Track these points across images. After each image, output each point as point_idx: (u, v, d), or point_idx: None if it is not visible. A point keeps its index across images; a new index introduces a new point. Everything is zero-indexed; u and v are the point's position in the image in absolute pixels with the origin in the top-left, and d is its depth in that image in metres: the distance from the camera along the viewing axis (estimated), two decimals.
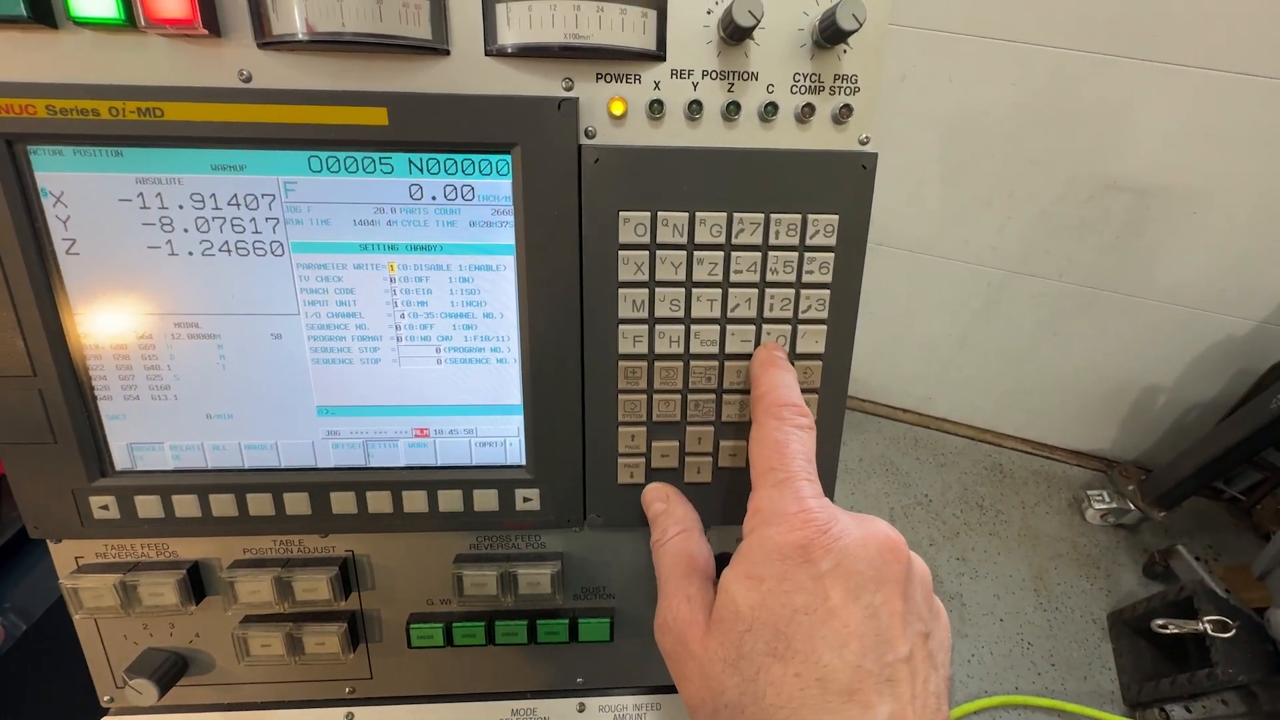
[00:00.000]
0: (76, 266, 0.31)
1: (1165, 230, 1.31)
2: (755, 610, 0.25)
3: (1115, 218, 1.32)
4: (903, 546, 0.26)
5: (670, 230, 0.31)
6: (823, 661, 0.23)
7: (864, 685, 0.23)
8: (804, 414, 0.29)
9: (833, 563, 0.25)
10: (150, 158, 0.30)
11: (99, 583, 0.34)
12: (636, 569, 0.39)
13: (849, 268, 0.32)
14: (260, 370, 0.33)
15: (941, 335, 1.63)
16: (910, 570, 0.26)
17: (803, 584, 0.24)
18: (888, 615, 0.24)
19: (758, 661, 0.24)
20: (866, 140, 0.31)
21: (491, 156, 0.30)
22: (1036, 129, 1.26)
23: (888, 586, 0.25)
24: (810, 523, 0.25)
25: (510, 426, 0.35)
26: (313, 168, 0.30)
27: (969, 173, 1.35)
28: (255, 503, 0.34)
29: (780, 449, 0.28)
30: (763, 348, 0.33)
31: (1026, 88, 1.22)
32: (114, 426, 0.33)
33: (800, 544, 0.25)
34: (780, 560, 0.25)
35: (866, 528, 0.26)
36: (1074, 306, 1.47)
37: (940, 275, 1.52)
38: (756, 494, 0.28)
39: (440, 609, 0.39)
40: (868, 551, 0.25)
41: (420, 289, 0.32)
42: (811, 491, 0.27)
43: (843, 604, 0.24)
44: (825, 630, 0.24)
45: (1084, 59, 1.17)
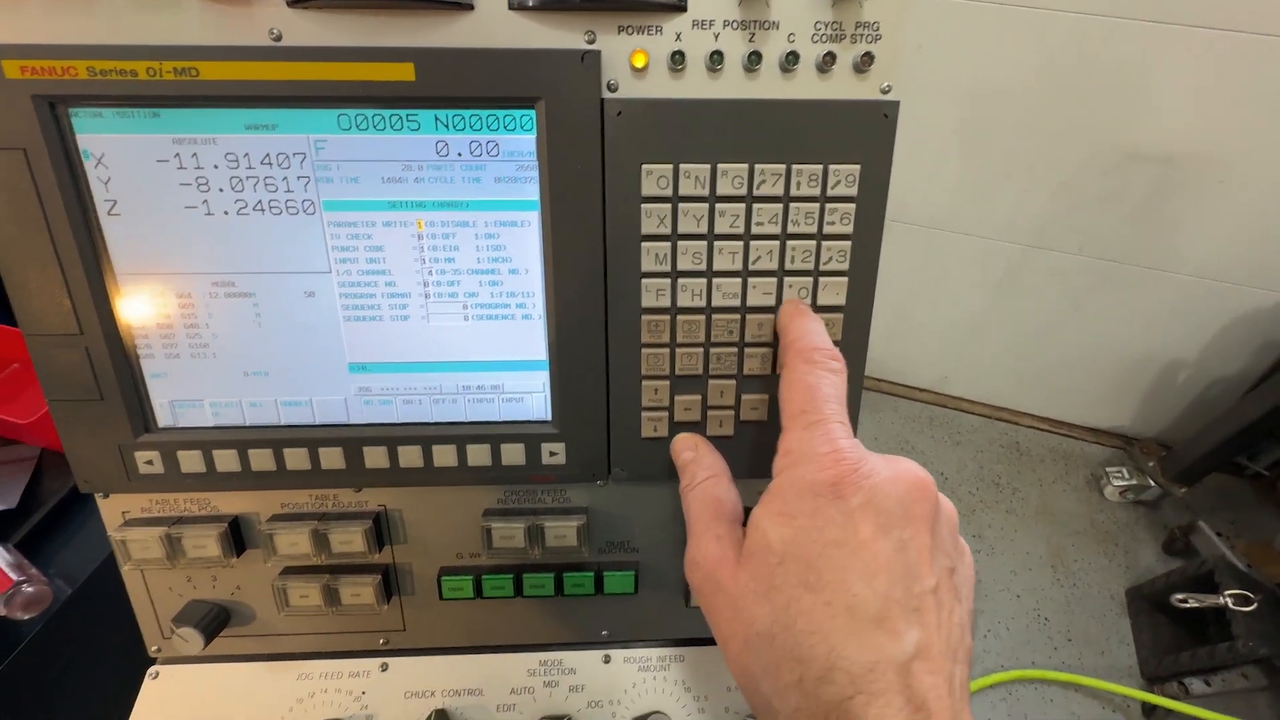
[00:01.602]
0: (118, 227, 0.32)
1: (1189, 200, 1.28)
2: (787, 544, 0.25)
3: (1137, 188, 1.29)
4: (931, 485, 0.26)
5: (692, 182, 0.31)
6: (853, 591, 0.24)
7: (892, 613, 0.24)
8: (835, 357, 0.30)
9: (863, 499, 0.25)
10: (186, 118, 0.30)
11: (145, 535, 0.36)
12: (660, 523, 0.40)
13: (870, 219, 0.33)
14: (294, 328, 0.34)
15: (959, 313, 1.61)
16: (938, 508, 0.27)
17: (834, 519, 0.25)
18: (916, 549, 0.25)
19: (789, 592, 0.25)
20: (888, 89, 0.31)
21: (516, 111, 0.31)
22: (1057, 99, 1.23)
23: (916, 522, 0.25)
24: (842, 461, 0.26)
25: (536, 382, 0.36)
26: (342, 125, 0.31)
27: (988, 145, 1.33)
28: (292, 457, 0.35)
29: (812, 392, 0.28)
30: (788, 301, 0.34)
31: (1046, 56, 1.19)
32: (156, 384, 0.35)
33: (832, 481, 0.26)
34: (812, 497, 0.26)
35: (895, 467, 0.26)
36: (1094, 281, 1.45)
37: (957, 252, 1.50)
38: (788, 435, 0.28)
39: (470, 562, 0.40)
40: (897, 489, 0.26)
41: (447, 245, 0.33)
42: (843, 433, 0.27)
43: (872, 538, 0.25)
44: (855, 562, 0.24)
45: (1104, 23, 1.14)
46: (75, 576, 0.59)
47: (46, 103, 0.29)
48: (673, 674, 0.41)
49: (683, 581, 0.41)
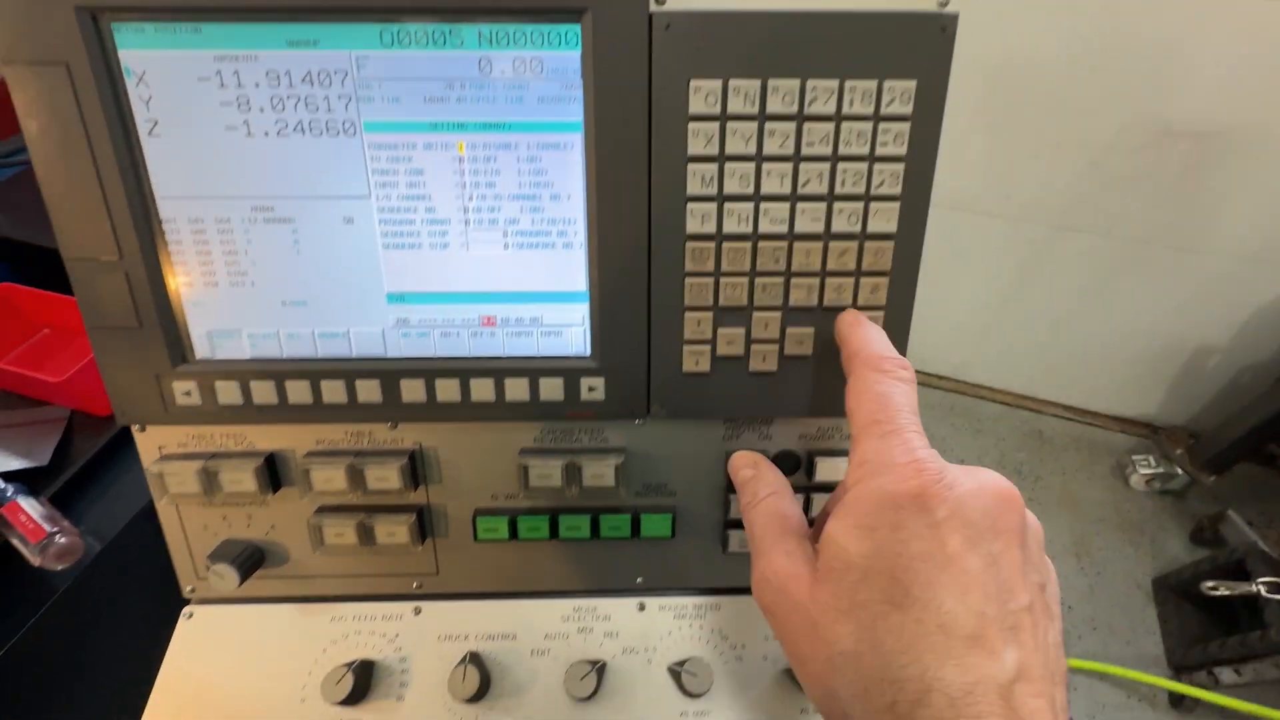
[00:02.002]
0: (158, 148, 0.32)
1: (1223, 178, 1.25)
2: (869, 559, 0.24)
3: (1170, 166, 1.26)
4: (1018, 497, 0.25)
5: (741, 99, 0.31)
6: (944, 608, 0.23)
7: (988, 632, 0.22)
8: (905, 366, 0.29)
9: (949, 511, 0.24)
10: (228, 33, 0.30)
11: (182, 468, 0.36)
12: (698, 466, 0.39)
13: (925, 140, 0.31)
14: (333, 255, 0.34)
15: (980, 298, 1.58)
16: (1025, 521, 0.25)
17: (919, 531, 0.24)
18: (1008, 564, 0.24)
19: (874, 609, 0.24)
20: (946, 1, 0.30)
21: (561, 26, 0.30)
22: (1088, 72, 1.20)
23: (1005, 535, 0.24)
24: (924, 471, 0.25)
25: (575, 314, 0.35)
26: (384, 41, 0.30)
27: (1014, 122, 1.30)
28: (329, 390, 0.35)
29: (884, 401, 0.27)
30: (846, 312, 0.33)
31: (1076, 29, 1.17)
32: (194, 313, 0.34)
33: (914, 492, 0.24)
34: (893, 509, 0.24)
35: (978, 478, 0.25)
36: (1123, 264, 1.42)
37: (980, 234, 1.47)
38: (861, 446, 0.27)
39: (505, 504, 0.39)
40: (983, 500, 0.24)
41: (489, 169, 0.33)
42: (920, 442, 0.26)
43: (961, 551, 0.23)
44: (945, 577, 0.23)
45: None
46: (106, 533, 0.60)
47: (89, 15, 0.29)
48: (709, 622, 0.40)
49: (720, 527, 0.40)
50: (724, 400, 0.36)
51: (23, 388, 0.68)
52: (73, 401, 0.67)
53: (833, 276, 0.34)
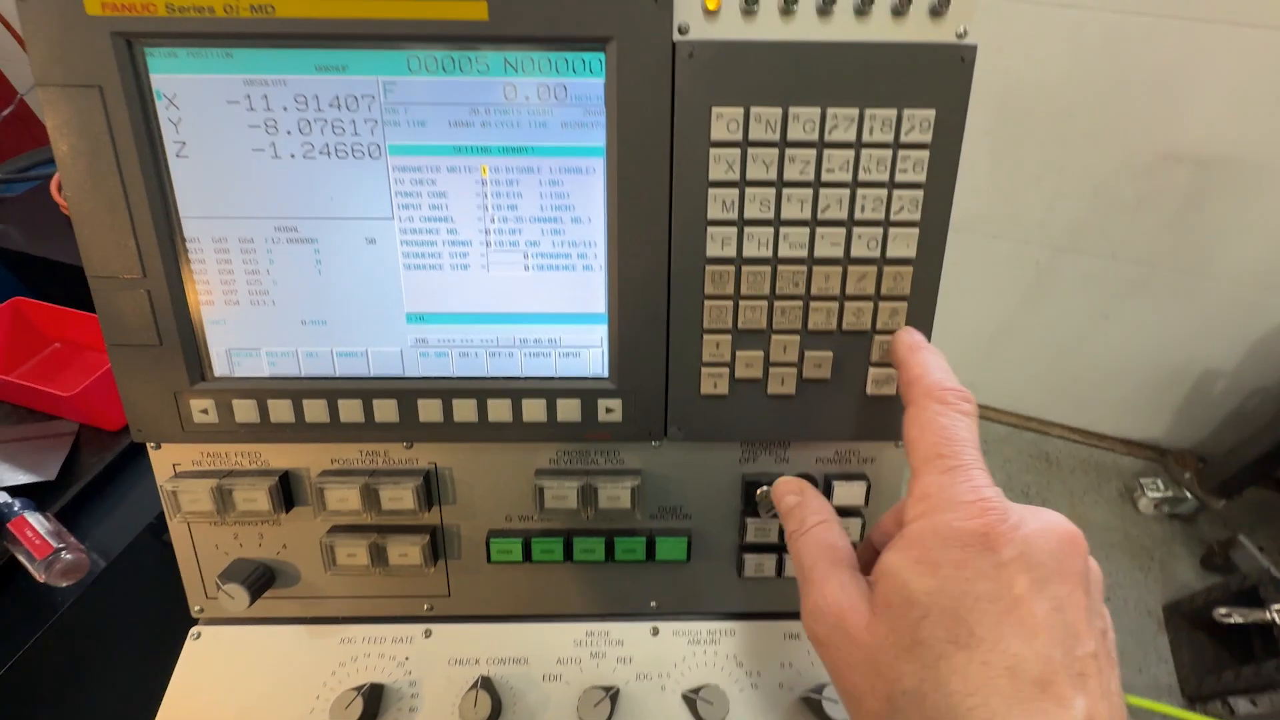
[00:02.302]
0: (186, 169, 0.32)
1: (1228, 204, 1.26)
2: (932, 596, 0.24)
3: (1174, 192, 1.27)
4: (1082, 540, 0.25)
5: (763, 127, 0.31)
6: (1011, 650, 0.22)
7: (1056, 678, 0.22)
8: (968, 398, 0.28)
9: (1015, 552, 0.23)
10: (259, 58, 0.31)
11: (196, 486, 0.35)
12: (714, 489, 0.38)
13: (944, 167, 0.32)
14: (354, 275, 0.34)
15: (985, 318, 1.59)
16: (1089, 565, 0.25)
17: (984, 571, 0.23)
18: (1073, 609, 0.23)
19: (938, 649, 0.23)
20: (965, 33, 0.31)
21: (585, 54, 0.31)
22: (1090, 99, 1.22)
23: (1071, 579, 0.24)
24: (990, 510, 0.24)
25: (594, 336, 0.35)
26: (411, 68, 0.31)
27: (1018, 147, 1.32)
28: (346, 409, 0.35)
29: (948, 435, 0.27)
30: (902, 331, 0.33)
31: (1081, 56, 1.18)
32: (214, 331, 0.35)
33: (980, 531, 0.24)
34: (959, 547, 0.24)
35: (1043, 518, 0.25)
36: (1128, 287, 1.42)
37: (985, 255, 1.48)
38: (922, 480, 0.27)
39: (519, 525, 0.39)
40: (1049, 543, 0.24)
41: (511, 192, 0.33)
42: (985, 480, 0.26)
43: (1028, 594, 0.23)
44: (1011, 619, 0.23)
45: (1140, 22, 1.13)
46: (110, 549, 0.59)
47: (124, 40, 0.30)
48: (724, 648, 0.40)
49: (736, 551, 0.40)
50: (742, 423, 0.36)
51: (33, 401, 0.68)
52: (82, 416, 0.67)
53: (852, 300, 0.34)
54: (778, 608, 0.41)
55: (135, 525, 0.61)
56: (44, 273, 0.96)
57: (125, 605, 0.59)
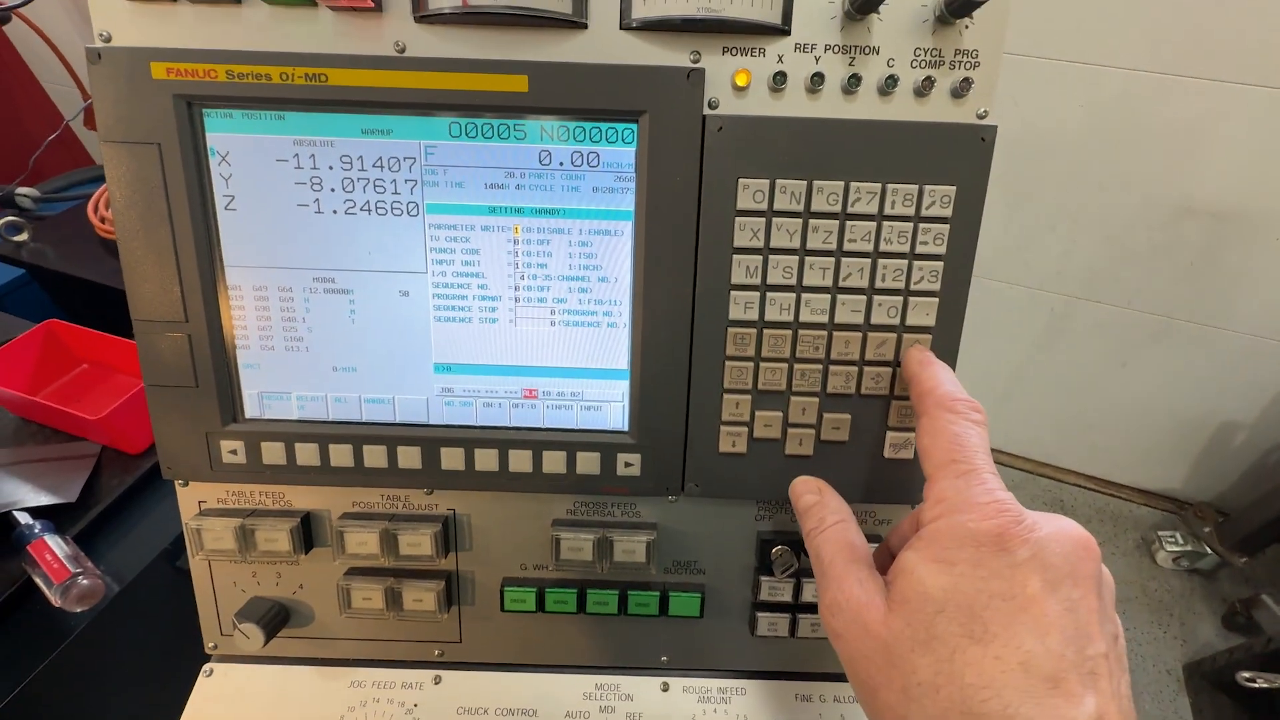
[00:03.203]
0: (233, 222, 0.34)
1: (1245, 257, 1.26)
2: (948, 593, 0.25)
3: (1191, 243, 1.27)
4: (1096, 547, 0.26)
5: (788, 198, 0.32)
6: (1024, 647, 0.23)
7: (1068, 675, 0.23)
8: (977, 409, 0.29)
9: (1029, 553, 0.24)
10: (309, 121, 0.32)
11: (220, 525, 0.36)
12: (729, 545, 0.39)
13: (964, 241, 0.33)
14: (386, 325, 0.35)
15: (999, 363, 1.58)
16: (1101, 571, 0.26)
17: (999, 571, 0.24)
18: (1085, 611, 0.24)
19: (952, 643, 0.24)
20: (985, 114, 0.32)
21: (619, 125, 0.32)
22: (1105, 152, 1.23)
23: (1084, 583, 0.24)
24: (1004, 512, 0.25)
25: (616, 391, 0.36)
26: (452, 133, 0.32)
27: (1033, 196, 1.33)
28: (371, 454, 0.36)
29: (960, 441, 0.28)
30: (914, 348, 0.34)
31: (1094, 109, 1.20)
32: (248, 375, 0.36)
33: (995, 532, 0.25)
34: (974, 546, 0.25)
35: (1057, 523, 0.26)
36: (1144, 336, 1.42)
37: (998, 299, 1.48)
38: (937, 484, 0.27)
39: (534, 574, 0.39)
40: (1063, 546, 0.25)
41: (541, 251, 0.34)
42: (998, 484, 0.26)
43: (1041, 594, 0.24)
44: (1025, 617, 0.24)
45: (1154, 79, 1.15)
46: (124, 574, 0.60)
47: (185, 102, 0.31)
48: (734, 707, 0.39)
49: (749, 609, 0.40)
50: (759, 482, 0.36)
51: (58, 422, 0.69)
52: (105, 438, 0.68)
53: (871, 365, 0.34)
54: (790, 668, 0.40)
55: (150, 551, 0.62)
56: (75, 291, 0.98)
57: (136, 633, 0.59)
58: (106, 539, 0.63)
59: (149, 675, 0.61)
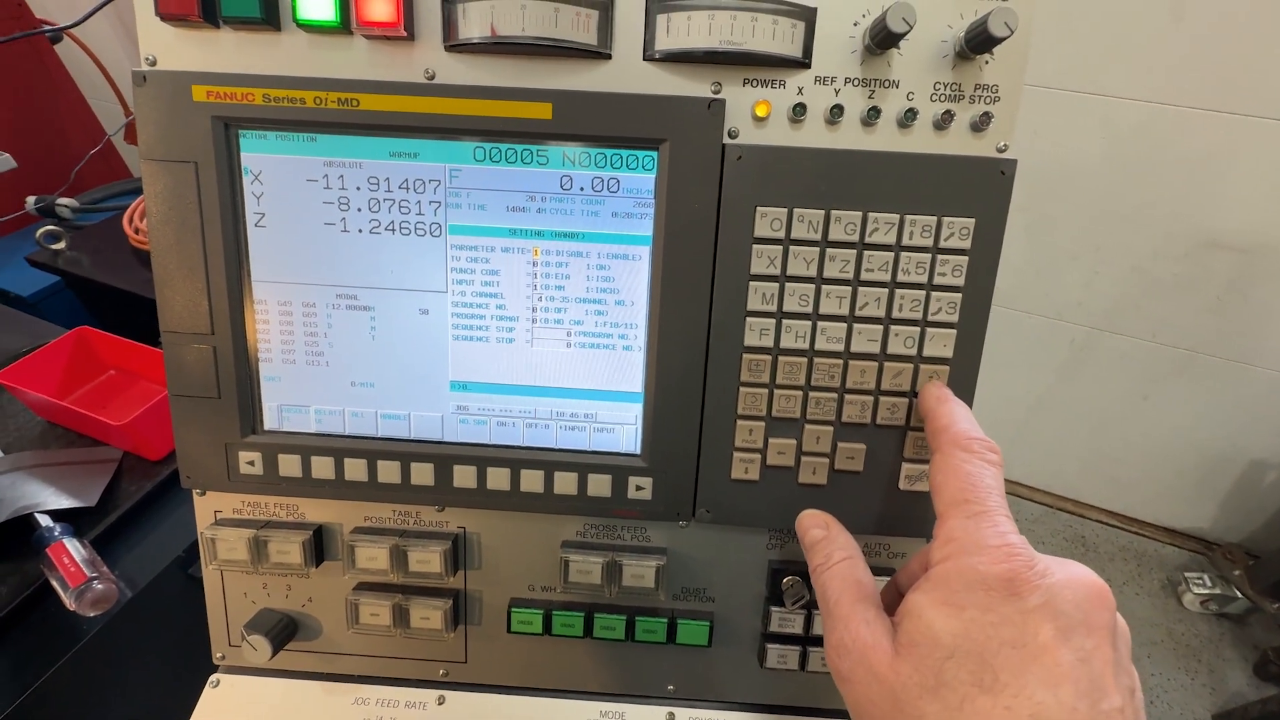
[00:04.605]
0: (261, 238, 0.34)
1: (1274, 292, 1.23)
2: (957, 638, 0.24)
3: (1217, 276, 1.25)
4: (1110, 595, 0.25)
5: (805, 226, 0.32)
6: (1035, 698, 0.22)
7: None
8: (993, 449, 0.29)
9: (1041, 599, 0.24)
10: (340, 144, 0.33)
11: (234, 535, 0.36)
12: (739, 573, 0.38)
13: (982, 273, 0.32)
14: (405, 343, 0.35)
15: (1018, 393, 1.55)
16: (1116, 620, 0.25)
17: (1009, 617, 0.24)
18: (1100, 662, 0.23)
19: (961, 691, 0.23)
20: (1005, 148, 0.32)
21: (639, 152, 0.33)
22: (1127, 183, 1.23)
23: (1098, 633, 0.24)
24: (1015, 556, 0.24)
25: (629, 414, 0.36)
26: (477, 157, 0.33)
27: (1054, 226, 1.32)
28: (384, 470, 0.36)
29: (973, 482, 0.27)
30: (931, 384, 0.33)
31: (1115, 141, 1.20)
32: (269, 388, 0.36)
33: (1006, 576, 0.24)
34: (984, 591, 0.24)
35: (1070, 569, 0.25)
36: (1169, 370, 1.39)
37: (1019, 330, 1.47)
38: (948, 524, 0.27)
39: (541, 596, 0.39)
40: (1076, 593, 0.24)
41: (559, 274, 0.34)
42: (1010, 527, 0.26)
43: (1053, 643, 0.23)
44: (1036, 667, 0.23)
45: (1177, 113, 1.14)
46: (137, 580, 0.60)
47: (222, 123, 0.32)
48: None
49: (759, 639, 0.39)
50: (771, 510, 0.36)
51: (83, 427, 0.71)
52: (127, 444, 0.70)
53: (887, 396, 0.34)
54: (799, 702, 0.40)
55: (164, 557, 0.63)
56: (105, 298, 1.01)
57: (146, 639, 0.60)
58: (123, 543, 0.64)
59: (156, 682, 0.61)
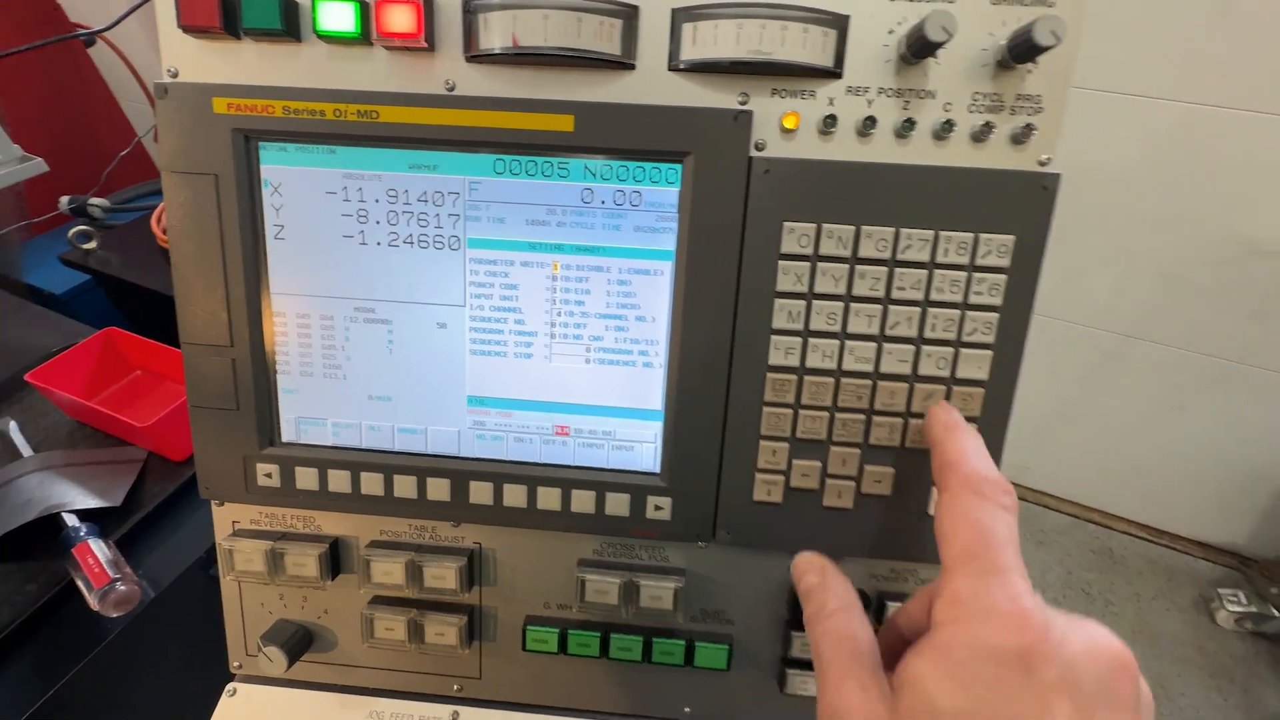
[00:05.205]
0: (281, 250, 0.34)
1: None
2: (960, 715, 0.22)
3: (1257, 284, 1.21)
4: (1133, 663, 0.23)
5: (834, 243, 0.31)
6: None
7: None
8: (1008, 491, 0.26)
9: (1057, 674, 0.21)
10: (359, 156, 0.33)
11: (251, 547, 0.36)
12: (760, 596, 0.37)
13: (1021, 293, 0.31)
14: (422, 356, 0.35)
15: (1042, 399, 1.51)
16: (1139, 691, 0.23)
17: (1020, 695, 0.21)
18: None
19: None
20: (1047, 161, 0.30)
21: (663, 165, 0.32)
22: (1162, 187, 1.18)
23: (1121, 709, 0.22)
24: (1029, 626, 0.22)
25: (648, 432, 0.35)
26: (496, 170, 0.33)
27: (1084, 229, 1.28)
28: (400, 484, 0.36)
29: (985, 533, 0.25)
30: (939, 407, 0.31)
31: (1152, 144, 1.16)
32: (287, 400, 0.36)
33: (1019, 650, 0.22)
34: (993, 664, 0.22)
35: (1089, 635, 0.23)
36: (1204, 380, 1.34)
37: (1045, 335, 1.43)
38: (954, 581, 0.24)
39: (557, 614, 0.38)
40: (1096, 666, 0.22)
41: (579, 289, 0.34)
42: (1025, 588, 0.23)
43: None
44: None
45: (1216, 114, 1.10)
46: (160, 580, 0.61)
47: (243, 135, 0.32)
48: None
49: (779, 664, 0.38)
50: (794, 533, 0.35)
51: (109, 426, 0.72)
52: (152, 445, 0.70)
53: (917, 418, 0.33)
54: None
55: (186, 557, 0.63)
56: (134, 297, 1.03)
57: (167, 639, 0.60)
58: (146, 543, 0.64)
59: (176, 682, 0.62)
